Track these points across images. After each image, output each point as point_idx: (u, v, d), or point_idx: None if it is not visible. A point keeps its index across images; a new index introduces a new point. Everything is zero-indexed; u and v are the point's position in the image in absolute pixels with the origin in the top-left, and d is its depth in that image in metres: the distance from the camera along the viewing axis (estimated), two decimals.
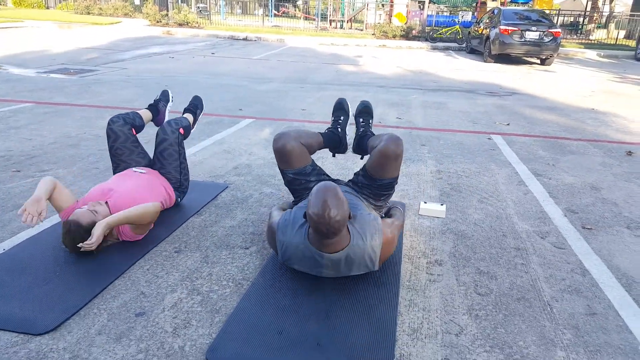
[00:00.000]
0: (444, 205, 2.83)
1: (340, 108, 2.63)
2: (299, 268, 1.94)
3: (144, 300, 1.87)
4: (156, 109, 2.94)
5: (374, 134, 2.50)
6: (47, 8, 28.28)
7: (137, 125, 2.68)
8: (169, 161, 2.64)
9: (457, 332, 1.74)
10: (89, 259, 2.11)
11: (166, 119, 3.04)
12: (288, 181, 2.28)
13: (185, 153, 2.72)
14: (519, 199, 3.05)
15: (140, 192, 2.34)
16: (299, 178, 2.25)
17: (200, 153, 3.77)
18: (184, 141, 2.78)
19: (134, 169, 2.53)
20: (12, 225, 2.47)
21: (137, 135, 2.69)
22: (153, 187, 2.46)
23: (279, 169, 2.29)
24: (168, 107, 3.04)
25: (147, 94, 6.05)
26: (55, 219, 2.55)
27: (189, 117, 2.96)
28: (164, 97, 3.03)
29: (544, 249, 2.40)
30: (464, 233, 2.55)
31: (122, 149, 2.57)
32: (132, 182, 2.40)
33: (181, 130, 2.69)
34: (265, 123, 4.84)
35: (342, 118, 2.61)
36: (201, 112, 3.08)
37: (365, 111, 2.61)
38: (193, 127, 2.97)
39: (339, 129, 2.58)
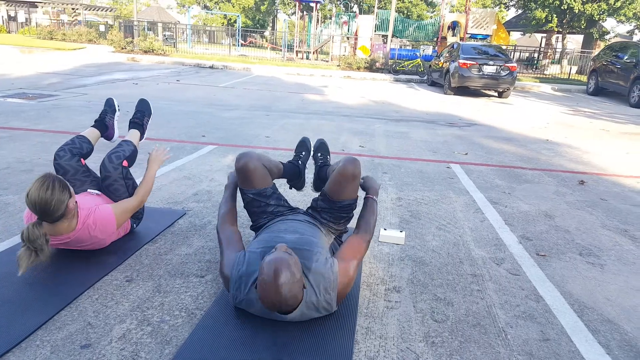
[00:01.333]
0: (404, 232, 2.86)
1: (302, 145, 2.71)
2: (254, 313, 1.89)
3: (91, 332, 1.77)
4: (103, 124, 2.83)
5: (331, 165, 2.53)
6: (9, 32, 27.61)
7: (85, 152, 2.57)
8: (117, 194, 2.51)
9: (413, 359, 1.73)
10: (31, 288, 1.99)
11: (116, 131, 2.93)
12: (247, 202, 2.25)
13: (134, 182, 2.58)
14: (476, 226, 3.12)
15: (98, 203, 2.31)
16: (259, 199, 2.22)
17: (159, 179, 3.68)
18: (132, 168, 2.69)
19: (89, 190, 2.46)
20: None
21: (86, 163, 2.59)
22: (102, 200, 2.42)
23: (239, 188, 2.26)
24: (116, 118, 2.92)
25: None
26: (3, 245, 2.41)
27: (135, 134, 2.81)
28: (110, 107, 2.89)
29: (500, 275, 2.45)
30: (422, 260, 2.57)
31: (72, 181, 2.46)
32: (89, 197, 2.36)
33: (125, 163, 2.54)
34: (229, 149, 4.81)
35: (303, 153, 2.69)
36: (149, 118, 2.97)
37: (322, 148, 2.71)
38: (143, 138, 2.88)
39: (300, 162, 2.63)
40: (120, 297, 2.02)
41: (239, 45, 23.88)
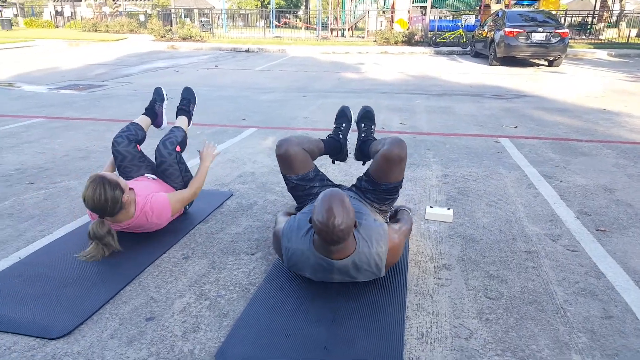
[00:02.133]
0: (451, 210, 2.79)
1: (342, 115, 2.62)
2: (305, 274, 1.92)
3: (154, 305, 1.88)
4: (153, 111, 2.95)
5: (376, 139, 2.48)
6: (57, 27, 28.86)
7: (140, 138, 2.71)
8: (172, 179, 2.64)
9: (467, 336, 1.71)
10: (98, 267, 2.12)
11: (164, 119, 3.03)
12: (291, 187, 2.27)
13: (186, 166, 2.70)
14: (529, 202, 3.01)
15: (157, 187, 2.46)
16: (302, 184, 2.23)
17: None
18: (185, 152, 2.80)
19: (146, 174, 2.58)
20: (27, 234, 2.50)
21: (141, 149, 2.70)
22: (166, 189, 2.55)
23: (282, 175, 2.28)
24: (164, 106, 3.03)
25: None
26: (68, 227, 2.57)
27: (183, 121, 2.93)
28: (159, 96, 3.01)
29: (556, 252, 2.36)
30: (472, 237, 2.51)
31: (130, 167, 2.60)
32: (145, 182, 2.47)
33: (178, 148, 2.67)
34: (269, 132, 4.85)
35: (343, 125, 2.60)
36: (195, 104, 3.08)
37: (366, 116, 2.59)
38: (190, 124, 2.98)
39: (340, 136, 2.58)
40: (178, 274, 2.11)
41: (273, 27, 23.81)
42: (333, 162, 2.65)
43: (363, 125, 2.58)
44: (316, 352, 1.59)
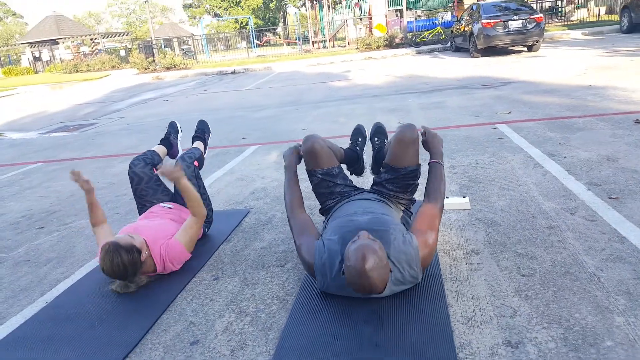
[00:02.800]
0: (467, 197, 2.84)
1: (357, 133, 2.73)
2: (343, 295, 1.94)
3: (195, 329, 1.88)
4: (169, 142, 3.00)
5: None
6: (36, 72, 28.88)
7: (156, 163, 2.73)
8: None
9: (511, 314, 1.73)
10: (128, 299, 2.12)
11: (180, 149, 3.08)
12: (316, 184, 2.30)
13: (204, 184, 2.74)
14: (539, 181, 3.06)
15: (170, 226, 2.37)
16: (327, 180, 2.27)
17: (215, 184, 3.80)
18: (201, 171, 2.82)
19: (161, 204, 2.56)
20: (48, 278, 2.49)
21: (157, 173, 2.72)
22: (181, 220, 2.49)
23: (307, 171, 2.31)
24: (179, 138, 3.09)
25: (149, 139, 6.12)
26: (89, 267, 2.57)
27: (199, 145, 3.00)
28: (173, 129, 3.08)
29: (577, 223, 2.40)
30: (493, 220, 2.55)
31: (146, 189, 2.61)
32: (160, 218, 2.43)
33: (196, 163, 2.72)
34: (271, 147, 4.89)
35: (359, 140, 2.71)
36: (209, 135, 3.13)
37: (379, 132, 2.71)
38: (205, 153, 3.00)
39: (357, 148, 2.66)
40: (213, 295, 2.12)
41: (254, 47, 24.04)
42: (350, 174, 2.70)
43: (377, 139, 2.69)
44: (368, 351, 1.60)
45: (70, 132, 7.49)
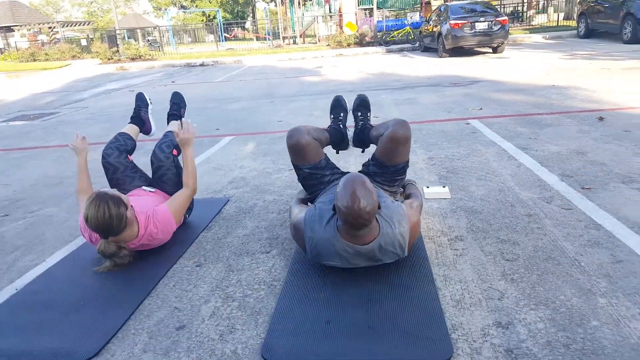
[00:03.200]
0: (447, 187, 2.88)
1: (338, 105, 2.64)
2: (330, 263, 1.92)
3: (180, 315, 1.82)
4: (139, 119, 2.86)
5: (372, 126, 2.53)
6: None
7: (130, 148, 2.63)
8: (169, 184, 2.57)
9: (498, 296, 1.77)
10: (108, 284, 2.02)
11: (152, 124, 2.95)
12: (304, 177, 2.27)
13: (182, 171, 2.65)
14: (514, 172, 3.15)
15: (155, 201, 2.31)
16: (315, 173, 2.24)
17: None
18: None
19: (144, 187, 2.47)
20: (17, 265, 2.36)
21: (132, 159, 2.62)
22: (158, 198, 2.43)
23: (294, 165, 2.27)
24: (149, 111, 2.95)
25: (115, 128, 5.84)
26: (61, 254, 2.44)
27: (175, 126, 2.85)
28: (142, 101, 2.92)
29: (553, 212, 2.48)
30: (474, 209, 2.60)
31: (122, 178, 2.50)
32: (144, 197, 2.35)
33: (174, 152, 2.61)
34: (247, 138, 4.81)
35: (342, 115, 2.62)
36: (185, 109, 2.99)
37: (362, 105, 2.63)
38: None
39: (341, 126, 2.60)
40: (196, 281, 2.05)
41: (223, 40, 23.63)
42: (337, 153, 2.66)
43: (360, 113, 2.62)
44: (361, 333, 1.59)
45: (30, 121, 7.12)
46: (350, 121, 2.69)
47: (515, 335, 1.55)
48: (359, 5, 18.94)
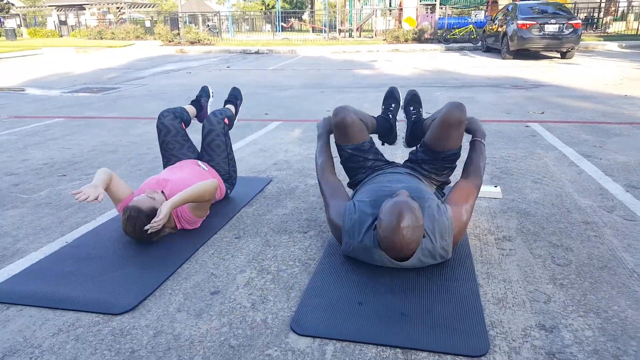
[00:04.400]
0: (498, 187, 2.75)
1: (391, 96, 2.56)
2: (367, 261, 1.87)
3: (216, 281, 1.84)
4: (199, 104, 2.95)
5: (426, 120, 2.43)
6: (61, 36, 29.04)
7: (186, 119, 2.69)
8: (217, 152, 2.62)
9: (544, 300, 1.66)
10: (150, 248, 2.09)
11: (208, 113, 3.04)
12: (345, 158, 2.21)
13: (231, 144, 2.70)
14: (575, 178, 2.95)
15: (193, 181, 2.32)
16: (357, 154, 2.18)
17: (237, 153, 3.75)
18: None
19: (199, 162, 2.52)
20: (70, 220, 2.48)
21: (186, 129, 2.68)
22: (205, 177, 2.44)
23: (337, 144, 2.22)
24: (209, 103, 3.05)
25: (170, 105, 6.10)
26: (110, 214, 2.54)
27: (231, 107, 2.95)
28: (205, 92, 3.04)
29: (614, 221, 2.30)
30: (526, 211, 2.46)
31: (173, 142, 2.57)
32: (185, 171, 2.39)
33: (226, 120, 2.67)
34: (294, 124, 4.82)
35: (393, 106, 2.54)
36: (241, 102, 3.08)
37: (414, 100, 2.52)
38: (235, 118, 2.95)
39: (390, 116, 2.52)
40: (234, 251, 2.08)
41: (279, 30, 23.86)
42: (382, 144, 2.59)
43: (412, 108, 2.50)
44: (393, 319, 1.54)
45: (93, 94, 7.50)
46: (400, 118, 2.61)
47: (559, 340, 1.45)
48: (421, 1, 18.50)
